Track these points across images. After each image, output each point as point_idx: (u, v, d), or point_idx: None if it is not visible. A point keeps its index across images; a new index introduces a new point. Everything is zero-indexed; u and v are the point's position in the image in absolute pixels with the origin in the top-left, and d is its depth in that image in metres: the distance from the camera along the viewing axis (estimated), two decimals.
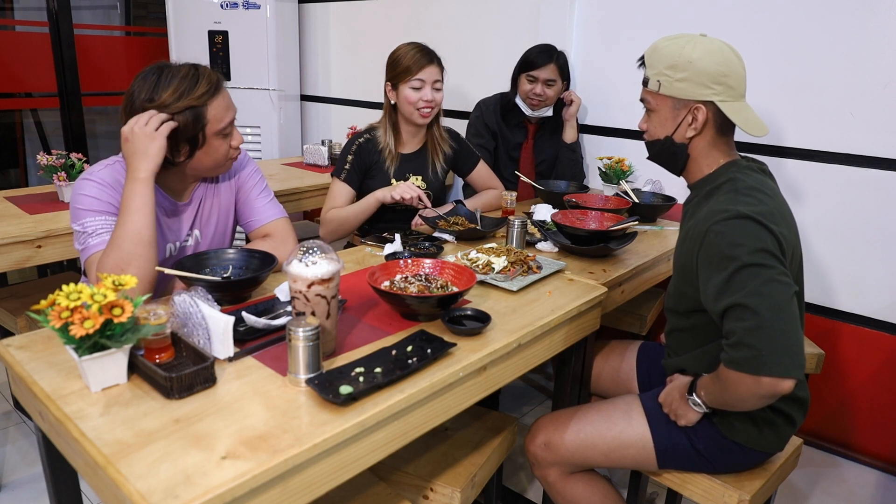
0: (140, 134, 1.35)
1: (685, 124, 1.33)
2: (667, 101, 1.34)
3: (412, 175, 2.16)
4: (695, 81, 1.29)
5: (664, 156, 1.40)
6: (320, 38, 3.88)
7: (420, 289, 1.35)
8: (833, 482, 2.22)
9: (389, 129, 2.13)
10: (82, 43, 3.76)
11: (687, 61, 1.28)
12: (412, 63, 2.03)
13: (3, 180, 4.39)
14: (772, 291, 1.13)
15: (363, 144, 2.12)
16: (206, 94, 1.42)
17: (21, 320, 2.08)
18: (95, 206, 1.40)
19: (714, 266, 1.21)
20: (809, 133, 2.27)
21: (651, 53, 1.36)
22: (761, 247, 1.16)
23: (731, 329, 1.16)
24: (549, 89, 2.50)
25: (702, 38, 1.32)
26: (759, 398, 1.16)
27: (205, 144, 1.45)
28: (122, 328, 0.99)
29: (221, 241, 1.68)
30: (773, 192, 1.30)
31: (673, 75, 1.30)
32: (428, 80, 2.04)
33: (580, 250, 1.77)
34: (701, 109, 1.30)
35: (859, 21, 2.11)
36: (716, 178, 1.34)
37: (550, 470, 1.50)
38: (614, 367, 1.72)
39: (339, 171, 2.11)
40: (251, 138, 3.73)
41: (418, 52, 2.05)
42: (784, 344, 1.11)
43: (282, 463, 0.87)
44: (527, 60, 2.50)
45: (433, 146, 2.19)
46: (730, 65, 1.29)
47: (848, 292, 2.30)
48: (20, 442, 2.23)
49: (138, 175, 1.34)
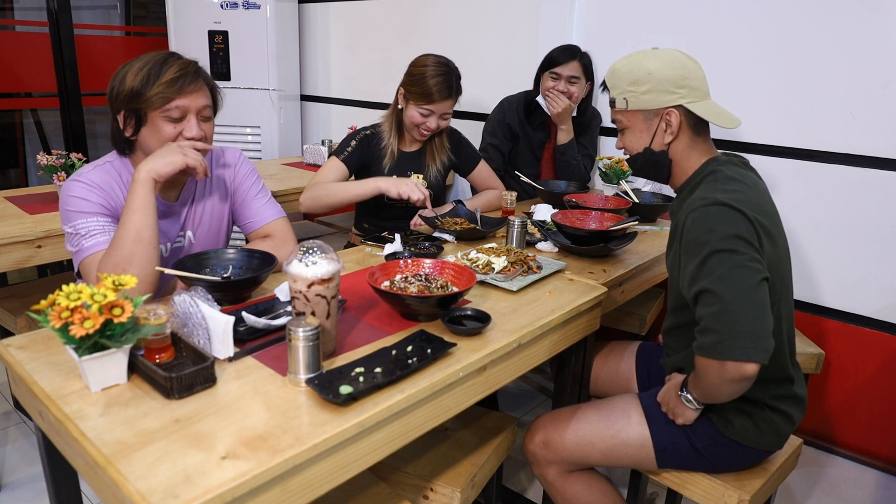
0: (170, 145, 1.40)
1: (660, 131, 1.37)
2: (637, 116, 1.38)
3: (413, 173, 2.16)
4: (659, 90, 1.34)
5: (648, 166, 1.43)
6: (320, 38, 3.88)
7: (420, 289, 1.35)
8: (833, 482, 2.22)
9: (394, 128, 2.14)
10: (82, 43, 3.76)
11: (647, 73, 1.34)
12: (434, 91, 2.00)
13: (3, 180, 4.39)
14: (737, 276, 1.14)
15: (368, 136, 2.13)
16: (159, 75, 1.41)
17: (21, 320, 2.08)
18: (85, 207, 1.40)
19: (689, 252, 1.23)
20: (809, 133, 2.27)
21: (611, 76, 1.42)
22: (733, 233, 1.17)
23: (699, 314, 1.19)
24: (573, 86, 2.46)
25: (655, 51, 1.38)
26: (728, 383, 1.17)
27: (147, 123, 1.43)
28: (122, 328, 0.99)
29: (215, 242, 1.67)
30: (753, 183, 1.33)
31: (637, 90, 1.36)
32: (438, 111, 2.04)
33: (580, 250, 1.77)
34: (673, 113, 1.35)
35: (859, 21, 2.11)
36: (697, 175, 1.37)
37: (549, 468, 1.50)
38: (613, 368, 1.72)
39: (339, 151, 2.10)
40: (251, 138, 3.73)
41: (443, 81, 2.01)
42: (746, 328, 1.12)
43: (282, 463, 0.87)
44: (550, 58, 2.48)
45: (433, 148, 2.20)
46: (687, 68, 1.35)
47: (848, 292, 2.30)
48: (20, 442, 2.23)
49: (138, 175, 1.35)
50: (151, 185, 1.36)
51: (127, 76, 1.42)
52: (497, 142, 2.59)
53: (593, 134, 2.68)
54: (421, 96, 2.02)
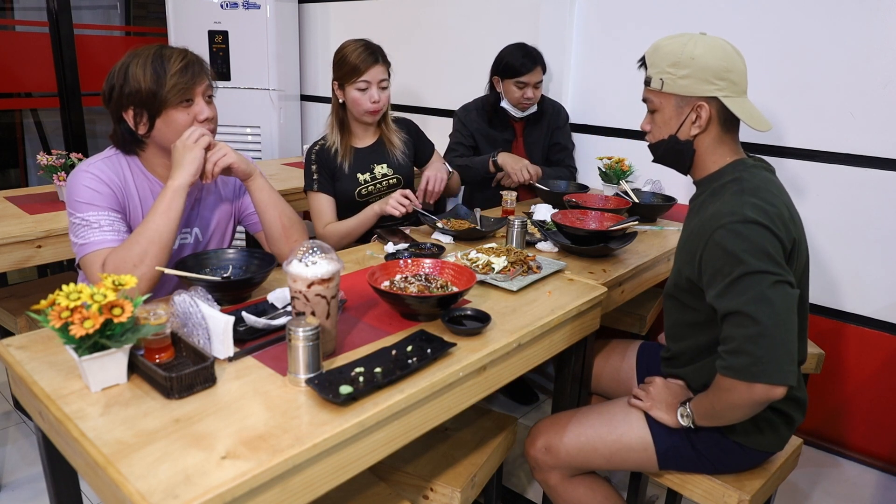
0: (180, 146, 1.40)
1: (689, 122, 1.32)
2: (670, 99, 1.33)
3: (376, 165, 2.14)
4: (698, 78, 1.28)
5: (670, 155, 1.39)
6: (320, 38, 3.88)
7: (420, 289, 1.35)
8: (833, 482, 2.22)
9: (336, 127, 2.12)
10: (82, 43, 3.76)
11: (689, 58, 1.28)
12: (359, 62, 2.00)
13: (3, 180, 4.39)
14: (773, 298, 1.13)
15: (319, 151, 2.11)
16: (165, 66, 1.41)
17: (21, 320, 2.08)
18: (97, 199, 1.41)
19: (718, 269, 1.20)
20: (809, 133, 2.27)
21: (652, 53, 1.35)
22: (766, 252, 1.16)
23: (730, 335, 1.17)
24: (538, 90, 2.53)
25: (703, 36, 1.32)
26: (750, 405, 1.17)
27: (163, 116, 1.43)
28: (122, 328, 0.99)
29: (221, 240, 1.68)
30: (780, 191, 1.30)
31: (676, 73, 1.30)
32: (374, 80, 2.01)
33: (580, 250, 1.77)
34: (704, 107, 1.30)
35: (859, 21, 2.11)
36: (721, 175, 1.33)
37: (551, 474, 1.49)
38: (615, 367, 1.71)
39: (309, 184, 2.09)
40: (251, 138, 3.73)
41: (364, 51, 2.02)
42: (782, 352, 1.12)
43: (282, 463, 0.87)
44: (511, 67, 2.48)
45: (388, 137, 2.17)
46: (732, 60, 1.29)
47: (848, 292, 2.30)
48: (20, 442, 2.23)
49: (172, 183, 1.39)
50: (183, 193, 1.39)
51: (131, 77, 1.41)
52: (461, 151, 2.61)
53: (566, 129, 2.71)
54: (351, 73, 2.01)
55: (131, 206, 1.48)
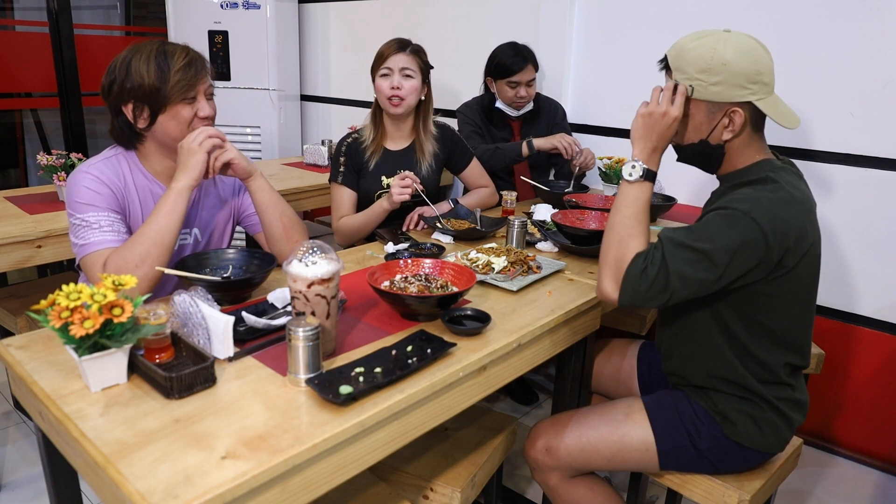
0: (185, 147, 1.40)
1: (721, 127, 1.28)
2: (700, 106, 1.27)
3: (402, 171, 2.14)
4: (731, 84, 1.23)
5: (699, 158, 1.36)
6: (320, 38, 3.88)
7: (420, 289, 1.35)
8: (833, 482, 2.22)
9: (372, 124, 2.12)
10: (82, 43, 3.76)
11: (721, 64, 1.22)
12: (384, 52, 2.03)
13: (3, 180, 4.39)
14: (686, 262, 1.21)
15: (351, 144, 2.11)
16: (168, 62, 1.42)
17: (21, 320, 2.08)
18: (97, 200, 1.41)
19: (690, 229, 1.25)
20: (809, 133, 2.27)
21: (677, 56, 1.28)
22: (735, 251, 1.18)
23: None
24: (532, 87, 2.53)
25: (729, 36, 1.25)
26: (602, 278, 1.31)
27: (166, 111, 1.43)
28: (122, 328, 0.99)
29: (220, 241, 1.68)
30: (804, 197, 1.27)
31: (707, 79, 1.24)
32: (395, 67, 2.01)
33: (580, 250, 1.77)
34: (738, 112, 1.25)
35: (859, 21, 2.11)
36: (747, 173, 1.30)
37: (552, 475, 1.49)
38: (616, 366, 1.71)
39: (335, 174, 2.10)
40: (251, 138, 3.73)
41: (394, 42, 2.05)
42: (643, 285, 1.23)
43: (282, 463, 0.87)
44: (503, 67, 2.48)
45: (421, 143, 2.15)
46: (762, 61, 1.24)
47: (848, 292, 2.30)
48: (20, 442, 2.23)
49: (175, 185, 1.39)
50: (186, 196, 1.39)
51: (134, 72, 1.40)
52: (479, 140, 2.60)
53: (564, 125, 2.70)
54: (378, 60, 2.04)
55: (131, 207, 1.48)
